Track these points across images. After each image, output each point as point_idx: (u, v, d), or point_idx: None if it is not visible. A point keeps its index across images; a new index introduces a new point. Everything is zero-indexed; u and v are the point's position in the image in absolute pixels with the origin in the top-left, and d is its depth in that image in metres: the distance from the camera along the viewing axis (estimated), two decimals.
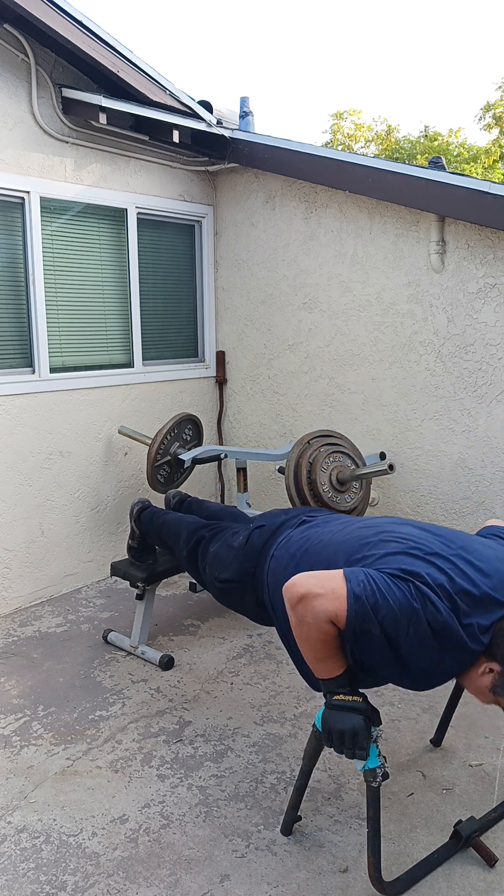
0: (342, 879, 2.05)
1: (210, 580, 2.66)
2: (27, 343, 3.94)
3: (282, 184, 4.52)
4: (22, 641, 3.57)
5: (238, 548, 2.53)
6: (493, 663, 1.83)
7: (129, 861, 2.13)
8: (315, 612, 1.78)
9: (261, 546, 2.44)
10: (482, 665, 1.85)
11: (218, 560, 2.61)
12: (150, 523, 3.23)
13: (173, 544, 3.01)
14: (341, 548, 2.07)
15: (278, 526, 2.47)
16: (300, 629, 1.83)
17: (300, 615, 1.81)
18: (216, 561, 2.62)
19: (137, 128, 4.11)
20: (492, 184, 3.49)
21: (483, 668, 1.85)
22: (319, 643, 1.81)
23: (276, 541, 2.39)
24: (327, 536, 2.20)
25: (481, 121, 19.33)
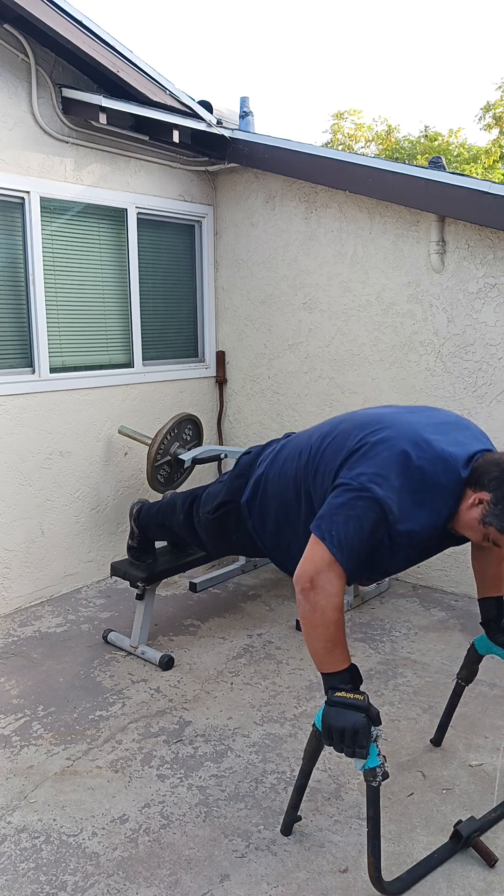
0: (342, 879, 2.05)
1: (204, 521, 2.73)
2: (27, 343, 3.94)
3: (282, 184, 4.52)
4: (22, 641, 3.57)
5: (228, 475, 2.66)
6: (482, 492, 1.88)
7: (129, 861, 2.13)
8: (326, 591, 1.85)
9: (249, 463, 2.56)
10: (470, 497, 1.90)
11: (210, 496, 2.71)
12: (149, 514, 3.27)
13: (172, 519, 3.05)
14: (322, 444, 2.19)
15: (264, 445, 2.60)
16: (314, 616, 1.87)
17: (312, 601, 1.87)
18: (208, 498, 2.72)
19: (137, 128, 4.11)
20: (492, 184, 3.49)
21: (472, 500, 1.90)
22: (333, 625, 1.86)
23: (263, 454, 2.52)
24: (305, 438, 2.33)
25: (481, 121, 19.33)
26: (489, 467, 1.89)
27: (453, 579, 4.10)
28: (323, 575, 1.86)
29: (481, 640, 2.42)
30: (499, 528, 1.87)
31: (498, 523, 1.87)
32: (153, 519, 3.25)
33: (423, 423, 2.01)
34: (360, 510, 1.87)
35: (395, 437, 1.94)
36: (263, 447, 2.59)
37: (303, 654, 3.41)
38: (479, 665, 2.49)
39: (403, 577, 4.32)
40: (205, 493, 2.82)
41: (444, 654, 3.38)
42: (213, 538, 2.77)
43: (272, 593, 4.17)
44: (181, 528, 3.00)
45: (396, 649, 3.43)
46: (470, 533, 1.96)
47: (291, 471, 2.28)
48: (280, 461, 2.37)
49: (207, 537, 2.80)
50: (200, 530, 2.83)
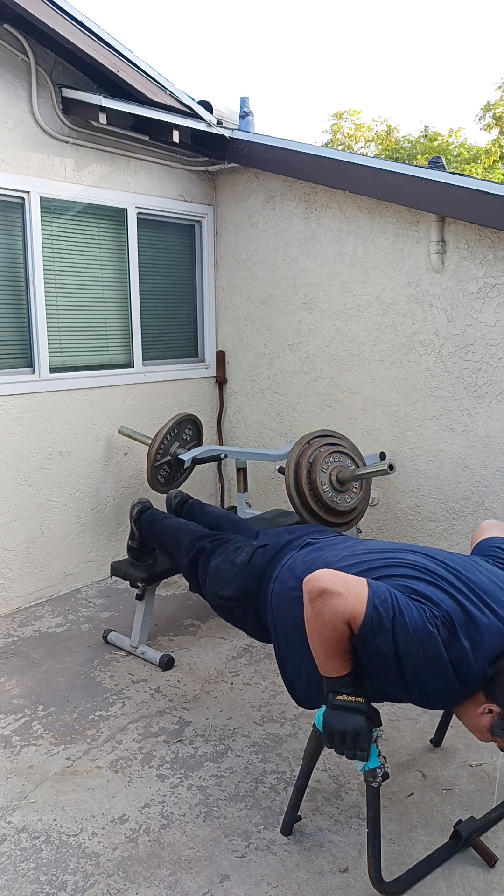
0: (342, 879, 2.05)
1: (210, 594, 2.63)
2: (27, 343, 3.94)
3: (282, 184, 4.52)
4: (22, 641, 3.57)
5: (240, 565, 2.50)
6: (493, 704, 1.82)
7: (129, 861, 2.13)
8: (333, 610, 1.78)
9: (264, 566, 2.42)
10: (481, 704, 1.84)
11: (219, 576, 2.58)
12: (151, 527, 3.21)
13: (174, 551, 2.99)
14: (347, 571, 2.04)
15: (282, 546, 2.45)
16: (315, 623, 1.83)
17: (318, 609, 1.81)
18: (217, 576, 2.60)
19: (137, 128, 4.11)
20: (492, 184, 3.49)
21: (482, 709, 1.84)
22: (331, 641, 1.81)
23: (280, 562, 2.38)
24: (333, 559, 2.17)
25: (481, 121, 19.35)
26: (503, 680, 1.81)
27: None
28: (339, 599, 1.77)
29: None
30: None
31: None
32: (155, 537, 3.19)
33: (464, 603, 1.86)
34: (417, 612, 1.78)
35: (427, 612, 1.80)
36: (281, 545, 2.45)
37: None
38: None
39: None
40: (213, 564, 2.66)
41: None
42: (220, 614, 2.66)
43: None
44: (185, 573, 2.91)
45: None
46: (478, 735, 1.91)
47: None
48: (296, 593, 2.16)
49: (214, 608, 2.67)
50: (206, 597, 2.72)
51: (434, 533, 4.08)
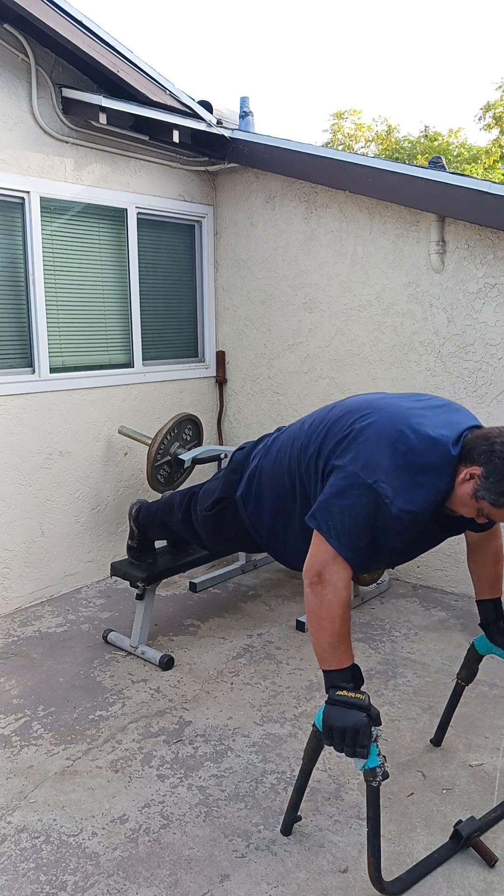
0: (342, 879, 2.05)
1: (202, 518, 2.75)
2: (27, 343, 3.94)
3: (282, 184, 4.52)
4: (22, 641, 3.57)
5: (223, 471, 2.69)
6: (473, 467, 1.89)
7: (129, 861, 2.13)
8: (333, 585, 1.88)
9: (243, 459, 2.59)
10: (462, 473, 1.91)
11: (206, 493, 2.74)
12: (147, 513, 3.28)
13: (170, 517, 3.07)
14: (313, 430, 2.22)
15: (257, 441, 2.62)
16: (321, 609, 1.89)
17: (319, 595, 1.89)
18: (205, 495, 2.74)
19: (137, 128, 4.11)
20: (492, 184, 3.49)
21: (464, 475, 1.90)
22: (339, 619, 1.88)
23: (256, 449, 2.55)
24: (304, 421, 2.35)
25: (481, 121, 19.34)
26: (478, 442, 1.90)
27: (453, 579, 4.10)
28: (329, 568, 1.89)
29: (481, 641, 2.42)
30: (491, 502, 1.88)
31: (490, 496, 1.87)
32: (152, 518, 3.26)
33: (411, 407, 2.03)
34: (355, 498, 1.89)
35: (384, 421, 1.97)
36: (256, 442, 2.62)
37: (303, 654, 3.41)
38: (479, 665, 2.49)
39: (403, 577, 4.32)
40: (201, 490, 2.84)
41: (444, 654, 3.38)
42: (212, 535, 2.79)
43: (272, 593, 4.17)
44: (180, 527, 3.02)
45: (396, 649, 3.43)
46: (464, 509, 1.96)
47: (285, 460, 2.30)
48: (273, 452, 2.40)
49: (206, 534, 2.82)
50: (199, 528, 2.84)
51: None
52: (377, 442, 1.93)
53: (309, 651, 3.43)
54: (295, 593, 4.16)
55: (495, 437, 1.89)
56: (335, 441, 2.05)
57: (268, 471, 2.39)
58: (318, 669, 3.23)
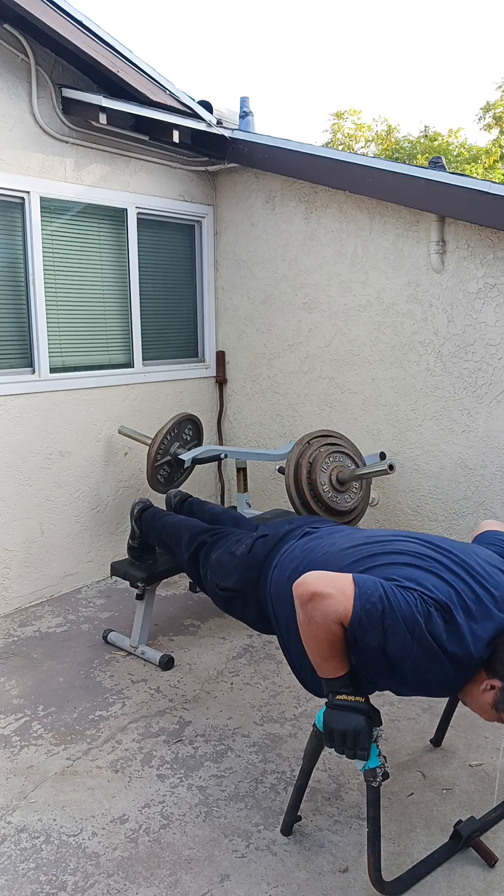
0: (342, 879, 2.05)
1: (211, 587, 2.65)
2: (27, 343, 3.94)
3: (282, 184, 4.52)
4: (22, 641, 3.57)
5: (241, 556, 2.52)
6: (494, 679, 1.82)
7: (129, 861, 2.13)
8: (324, 612, 1.78)
9: (264, 556, 2.43)
10: (483, 682, 1.84)
11: (220, 567, 2.60)
12: (151, 525, 3.22)
13: (174, 547, 3.00)
14: (345, 559, 2.06)
15: (282, 536, 2.46)
16: (308, 627, 1.83)
17: (309, 614, 1.81)
18: (218, 568, 2.61)
19: (137, 128, 4.11)
20: (492, 184, 3.49)
21: (484, 685, 1.84)
22: (326, 643, 1.81)
23: (280, 551, 2.39)
24: (331, 548, 2.18)
25: (481, 121, 19.36)
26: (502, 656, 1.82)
27: None
28: (329, 600, 1.77)
29: None
30: None
31: None
32: (154, 535, 3.20)
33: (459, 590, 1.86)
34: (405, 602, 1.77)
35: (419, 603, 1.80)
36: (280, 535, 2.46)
37: None
38: None
39: None
40: (213, 554, 2.68)
41: None
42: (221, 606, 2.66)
43: None
44: (186, 568, 2.93)
45: None
46: (482, 714, 1.90)
47: None
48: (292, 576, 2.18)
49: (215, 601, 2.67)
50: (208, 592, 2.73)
51: (434, 533, 4.08)
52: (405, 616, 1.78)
53: None
54: None
55: None
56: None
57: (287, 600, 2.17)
58: None
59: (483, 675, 1.84)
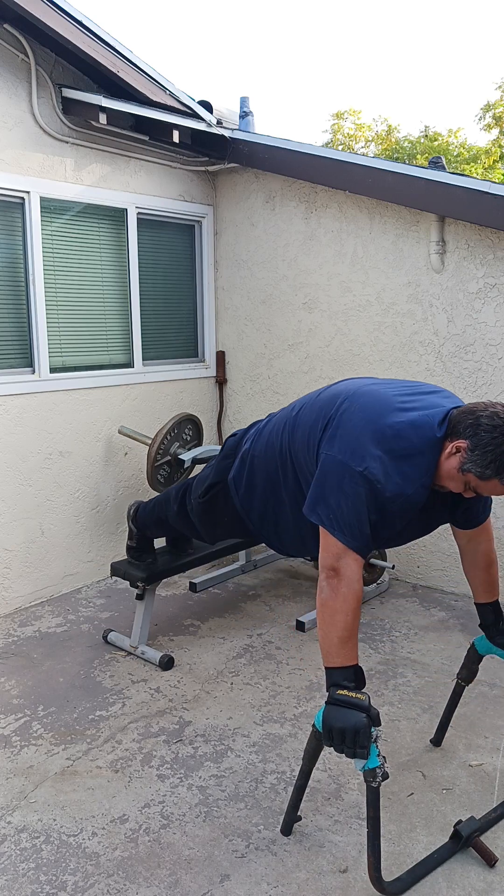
0: (342, 879, 2.05)
1: (196, 507, 2.79)
2: (27, 343, 3.94)
3: (282, 184, 4.52)
4: (22, 641, 3.57)
5: (215, 458, 2.74)
6: (458, 441, 1.90)
7: (129, 861, 2.13)
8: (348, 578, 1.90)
9: (234, 444, 2.63)
10: (447, 447, 1.93)
11: (200, 481, 2.79)
12: (145, 511, 3.30)
13: (166, 511, 3.10)
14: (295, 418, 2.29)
15: (248, 427, 2.66)
16: (335, 601, 1.90)
17: (335, 587, 1.90)
18: (198, 483, 2.79)
19: (137, 128, 4.11)
20: (492, 184, 3.49)
21: (450, 449, 1.92)
22: (352, 613, 1.89)
23: (247, 434, 2.59)
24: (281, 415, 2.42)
25: (481, 121, 19.36)
26: (464, 416, 1.92)
27: (453, 579, 4.10)
28: (341, 561, 1.91)
29: (481, 641, 2.42)
30: (477, 474, 1.89)
31: (476, 469, 1.88)
32: (149, 515, 3.28)
33: (396, 393, 2.06)
34: (349, 487, 1.91)
35: (368, 407, 1.99)
36: (247, 428, 2.65)
37: (303, 654, 3.41)
38: (479, 665, 2.49)
39: (403, 577, 4.32)
40: (195, 480, 2.88)
41: (444, 654, 3.38)
42: (206, 523, 2.83)
43: (272, 593, 4.17)
44: (176, 520, 3.05)
45: (396, 649, 3.43)
46: (451, 484, 1.97)
47: (276, 443, 2.35)
48: (265, 436, 2.44)
49: (200, 523, 2.86)
50: (193, 517, 2.89)
51: (435, 533, 4.08)
52: (363, 427, 1.95)
53: (309, 651, 3.43)
54: (295, 593, 4.16)
55: (481, 410, 1.90)
56: (322, 426, 2.08)
57: (259, 454, 2.43)
58: (318, 669, 3.23)
59: (447, 443, 1.94)
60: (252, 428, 2.62)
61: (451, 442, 1.92)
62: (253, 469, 2.46)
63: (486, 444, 1.85)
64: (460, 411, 1.96)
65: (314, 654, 3.39)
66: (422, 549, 4.21)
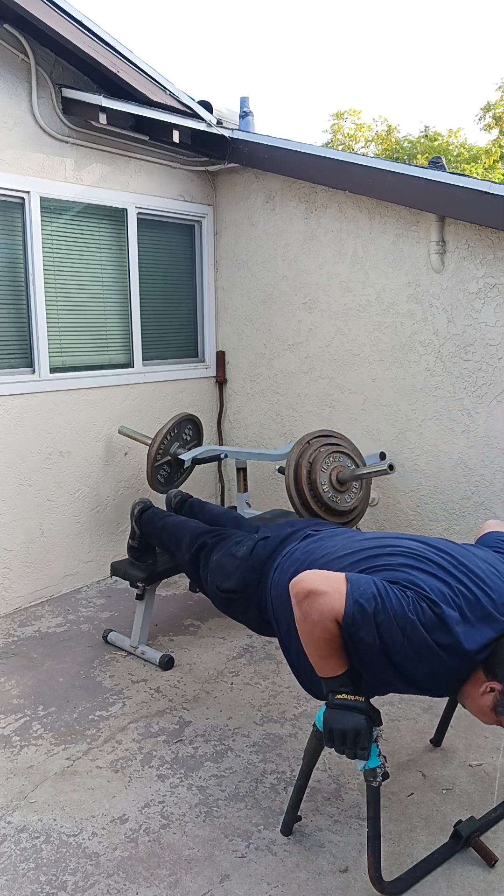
0: (342, 879, 2.05)
1: (212, 588, 2.64)
2: (27, 343, 3.94)
3: (282, 184, 4.52)
4: (22, 641, 3.57)
5: (242, 558, 2.52)
6: (494, 682, 1.82)
7: (129, 861, 2.13)
8: (320, 610, 1.79)
9: (265, 558, 2.44)
10: (482, 684, 1.84)
11: (220, 569, 2.60)
12: (152, 525, 3.22)
13: (175, 548, 3.00)
14: (345, 560, 2.07)
15: (283, 538, 2.47)
16: (304, 625, 1.84)
17: (305, 611, 1.82)
18: (218, 570, 2.61)
19: (137, 128, 4.11)
20: (492, 184, 3.49)
21: (483, 688, 1.84)
22: (323, 641, 1.82)
23: (281, 553, 2.40)
24: (332, 550, 2.18)
25: (481, 121, 19.35)
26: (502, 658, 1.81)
27: None
28: (324, 598, 1.79)
29: None
30: None
31: None
32: (155, 536, 3.20)
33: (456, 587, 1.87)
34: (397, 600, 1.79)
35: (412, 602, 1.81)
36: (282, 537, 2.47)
37: None
38: None
39: None
40: (213, 558, 2.69)
41: None
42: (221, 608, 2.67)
43: None
44: (186, 569, 2.93)
45: None
46: (482, 718, 1.90)
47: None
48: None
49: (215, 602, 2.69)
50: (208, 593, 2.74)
51: (434, 533, 4.08)
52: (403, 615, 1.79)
53: None
54: None
55: None
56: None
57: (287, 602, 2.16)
58: None
59: (482, 677, 1.84)
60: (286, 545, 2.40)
61: (488, 679, 1.82)
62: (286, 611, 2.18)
63: None
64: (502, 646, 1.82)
65: None
66: None
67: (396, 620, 1.76)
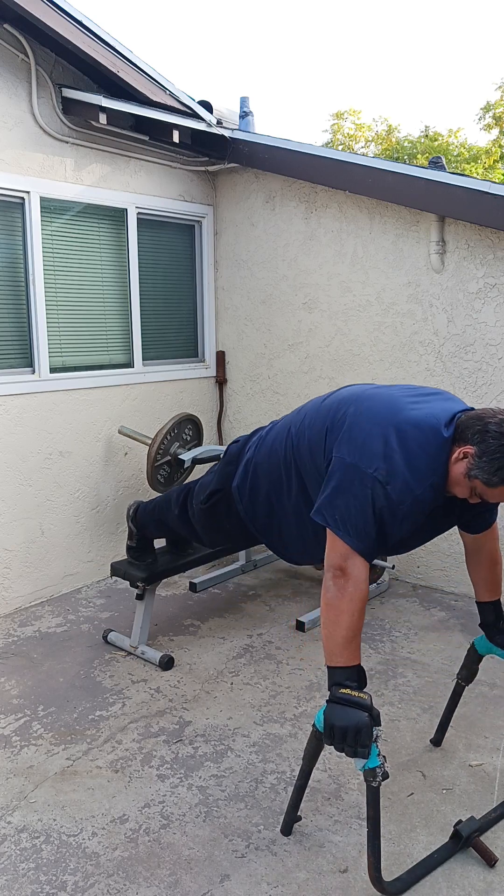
0: (342, 879, 2.05)
1: (198, 511, 2.80)
2: (27, 343, 3.94)
3: (282, 184, 4.52)
4: (22, 641, 3.57)
5: (218, 464, 2.74)
6: (466, 446, 1.91)
7: (129, 861, 2.13)
8: (355, 578, 1.90)
9: (237, 452, 2.62)
10: (455, 452, 1.93)
11: (202, 487, 2.79)
12: (145, 513, 3.30)
13: (167, 514, 3.11)
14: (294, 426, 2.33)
15: (250, 435, 2.66)
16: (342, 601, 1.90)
17: (342, 587, 1.90)
18: (201, 489, 2.79)
19: (137, 128, 4.11)
20: (492, 184, 3.49)
21: (457, 454, 1.93)
22: (357, 613, 1.89)
23: (250, 443, 2.59)
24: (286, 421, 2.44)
25: (481, 121, 19.37)
26: (472, 422, 1.93)
27: (453, 579, 4.10)
28: (349, 561, 1.91)
29: (481, 641, 2.42)
30: (484, 481, 1.90)
31: (483, 475, 1.89)
32: (149, 516, 3.28)
33: (403, 395, 2.07)
34: (357, 489, 1.92)
35: (376, 409, 2.01)
36: (250, 435, 2.66)
37: (303, 654, 3.41)
38: (479, 665, 2.49)
39: (403, 577, 4.32)
40: (197, 485, 2.88)
41: (444, 654, 3.37)
42: (207, 528, 2.84)
43: (272, 593, 4.17)
44: (176, 523, 3.06)
45: (396, 649, 3.43)
46: (458, 489, 1.98)
47: (281, 449, 2.35)
48: (269, 442, 2.45)
49: (202, 528, 2.87)
50: (194, 522, 2.89)
51: None
52: (371, 429, 1.96)
53: (309, 651, 3.43)
54: (295, 593, 4.16)
55: (489, 417, 1.91)
56: (330, 431, 2.09)
57: (263, 461, 2.44)
58: (318, 669, 3.23)
59: (455, 448, 1.94)
60: (255, 435, 2.62)
61: (458, 447, 1.93)
62: (256, 477, 2.47)
63: (493, 451, 1.86)
64: (468, 416, 1.96)
65: (314, 655, 3.39)
66: (422, 549, 4.20)
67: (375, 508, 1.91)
